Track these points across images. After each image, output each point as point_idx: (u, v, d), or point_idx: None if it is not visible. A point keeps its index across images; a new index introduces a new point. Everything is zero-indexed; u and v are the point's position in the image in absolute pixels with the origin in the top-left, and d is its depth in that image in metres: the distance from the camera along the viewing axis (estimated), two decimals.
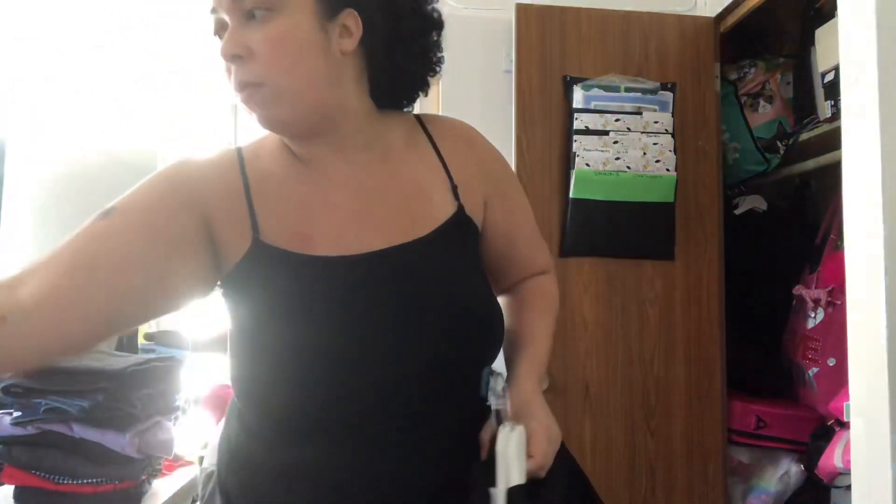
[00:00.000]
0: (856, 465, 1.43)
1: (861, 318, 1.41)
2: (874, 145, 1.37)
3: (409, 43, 0.96)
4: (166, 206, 0.83)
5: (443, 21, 1.00)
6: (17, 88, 2.25)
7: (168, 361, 1.80)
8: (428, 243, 0.89)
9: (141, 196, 0.85)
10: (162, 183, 0.86)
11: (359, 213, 0.88)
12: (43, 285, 0.74)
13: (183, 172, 0.86)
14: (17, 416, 1.55)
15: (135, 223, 0.82)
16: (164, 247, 0.81)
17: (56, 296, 0.75)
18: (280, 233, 0.85)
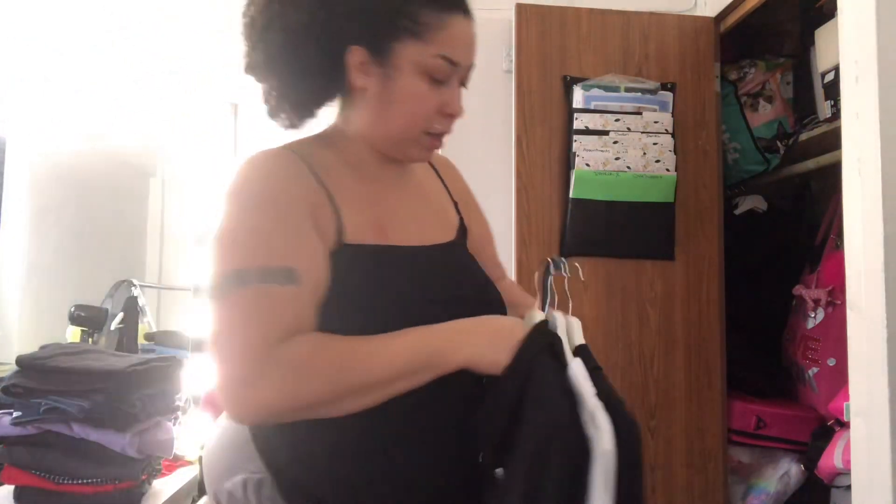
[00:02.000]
0: (856, 465, 1.43)
1: (861, 318, 1.41)
2: (874, 145, 1.37)
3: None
4: (306, 221, 0.87)
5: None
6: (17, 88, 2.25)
7: (168, 361, 1.79)
8: (456, 245, 1.05)
9: (292, 234, 0.86)
10: (290, 207, 0.87)
11: (412, 211, 1.00)
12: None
13: (291, 188, 0.88)
14: (17, 416, 1.54)
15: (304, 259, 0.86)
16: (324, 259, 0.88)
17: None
18: (360, 225, 0.91)
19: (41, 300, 2.26)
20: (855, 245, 1.43)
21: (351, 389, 0.82)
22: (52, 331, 2.15)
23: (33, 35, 2.29)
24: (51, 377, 1.57)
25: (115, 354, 1.77)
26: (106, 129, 2.26)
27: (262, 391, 0.78)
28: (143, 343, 2.26)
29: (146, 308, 2.30)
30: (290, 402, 0.80)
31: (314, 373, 0.80)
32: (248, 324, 0.80)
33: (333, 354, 0.82)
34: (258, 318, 0.80)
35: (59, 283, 2.27)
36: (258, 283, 0.80)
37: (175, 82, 2.29)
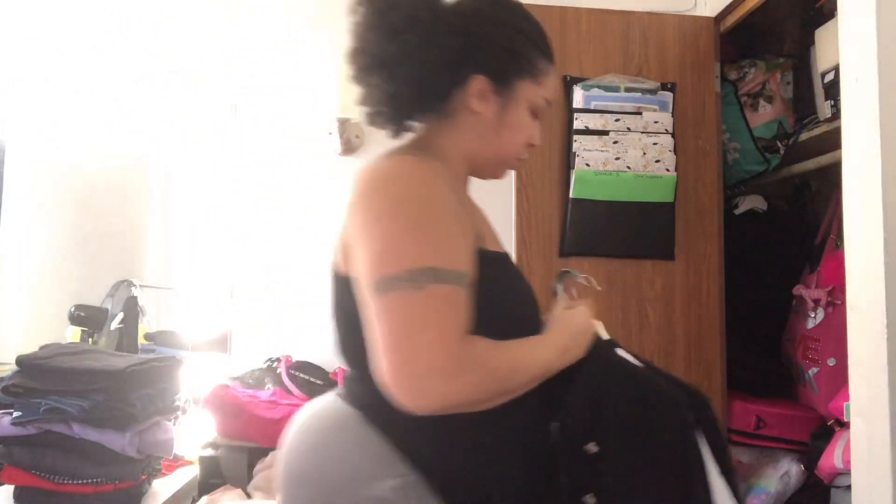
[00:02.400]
0: (856, 465, 1.43)
1: (861, 318, 1.41)
2: (874, 145, 1.37)
3: None
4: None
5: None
6: (17, 89, 2.25)
7: (168, 361, 1.80)
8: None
9: (462, 243, 0.92)
10: (455, 211, 0.93)
11: (487, 222, 1.11)
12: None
13: (449, 195, 0.94)
14: (17, 416, 1.55)
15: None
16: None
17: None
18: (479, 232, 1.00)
19: (41, 300, 2.26)
20: (855, 245, 1.43)
21: (513, 389, 0.90)
22: (52, 331, 2.15)
23: (33, 35, 2.29)
24: (51, 377, 1.57)
25: (115, 354, 1.78)
26: (106, 129, 2.26)
27: (456, 385, 0.83)
28: (143, 343, 2.26)
29: (146, 308, 2.31)
30: (473, 396, 0.86)
31: (494, 372, 0.87)
32: (444, 319, 0.84)
33: (508, 356, 0.89)
34: (452, 314, 0.85)
35: (59, 283, 2.27)
36: (453, 282, 0.86)
37: (175, 82, 2.29)
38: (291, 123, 2.31)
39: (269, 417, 1.85)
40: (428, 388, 0.82)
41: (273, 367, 2.10)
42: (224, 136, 2.30)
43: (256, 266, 2.27)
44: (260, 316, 2.26)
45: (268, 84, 2.31)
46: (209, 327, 2.23)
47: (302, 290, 2.27)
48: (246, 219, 2.29)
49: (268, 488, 1.76)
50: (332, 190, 2.30)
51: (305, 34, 2.32)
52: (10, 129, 2.25)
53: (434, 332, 0.82)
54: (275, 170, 2.30)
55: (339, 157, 2.30)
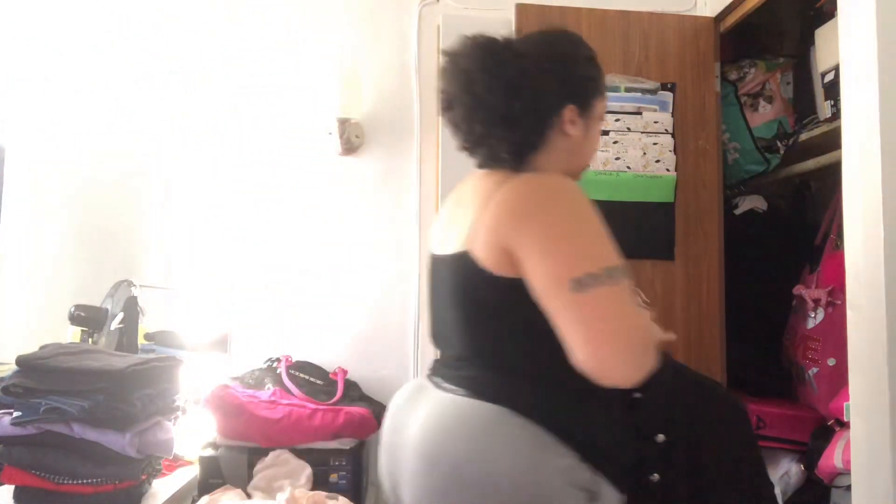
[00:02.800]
0: (856, 465, 1.43)
1: (861, 318, 1.41)
2: (874, 145, 1.37)
3: None
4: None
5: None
6: (17, 89, 2.25)
7: (168, 361, 1.79)
8: None
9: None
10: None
11: None
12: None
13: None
14: (17, 416, 1.54)
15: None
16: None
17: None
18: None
19: (41, 300, 2.25)
20: (855, 245, 1.43)
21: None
22: (52, 331, 2.14)
23: (33, 35, 2.29)
24: (51, 377, 1.57)
25: (115, 354, 1.77)
26: (106, 129, 2.26)
27: (653, 357, 1.01)
28: (143, 343, 2.26)
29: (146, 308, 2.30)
30: (654, 367, 1.02)
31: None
32: (631, 309, 1.03)
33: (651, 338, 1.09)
34: (632, 305, 1.03)
35: (59, 283, 2.27)
36: (626, 276, 1.03)
37: (175, 82, 2.29)
38: (291, 123, 2.31)
39: (269, 417, 1.85)
40: (643, 363, 0.99)
41: (273, 367, 2.10)
42: (224, 136, 2.30)
43: (256, 266, 2.27)
44: (260, 316, 2.26)
45: (268, 84, 2.31)
46: (209, 327, 2.23)
47: (302, 290, 2.27)
48: (246, 219, 2.29)
49: (268, 488, 1.76)
50: (332, 190, 2.30)
51: (305, 34, 2.32)
52: (11, 129, 2.25)
53: (635, 317, 1.02)
54: (275, 170, 2.30)
55: (339, 157, 2.30)
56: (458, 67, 1.17)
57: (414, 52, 2.33)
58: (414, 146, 2.31)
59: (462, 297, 1.13)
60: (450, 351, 1.20)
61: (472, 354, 1.13)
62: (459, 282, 1.13)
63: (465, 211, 1.16)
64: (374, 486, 2.16)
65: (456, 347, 1.16)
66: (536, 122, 1.16)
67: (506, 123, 1.14)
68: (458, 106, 1.18)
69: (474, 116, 1.16)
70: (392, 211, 2.30)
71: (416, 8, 2.34)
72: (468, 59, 1.16)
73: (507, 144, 1.16)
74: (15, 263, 2.23)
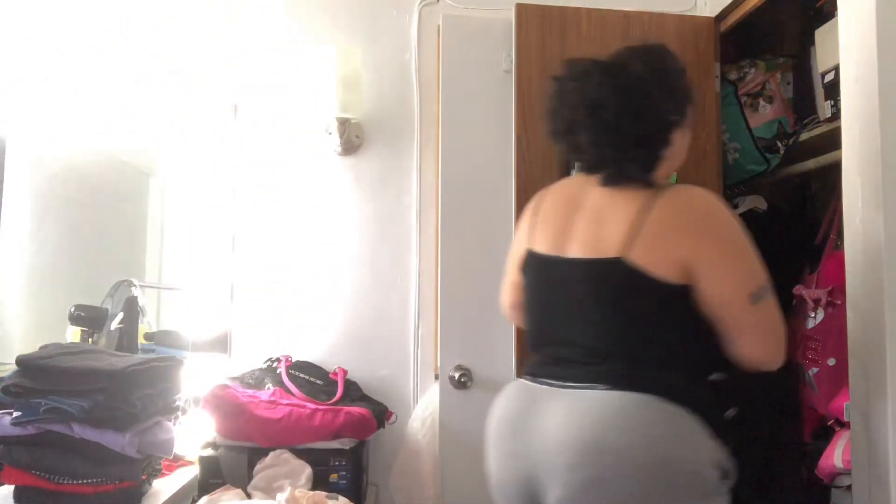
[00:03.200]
0: (856, 465, 1.43)
1: (861, 318, 1.41)
2: (874, 145, 1.37)
3: None
4: None
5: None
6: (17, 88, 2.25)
7: (168, 361, 1.79)
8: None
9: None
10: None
11: None
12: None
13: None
14: (17, 416, 1.54)
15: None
16: None
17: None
18: None
19: (41, 300, 2.26)
20: (855, 245, 1.43)
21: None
22: (52, 331, 2.15)
23: (33, 35, 2.29)
24: (51, 377, 1.57)
25: (115, 354, 1.77)
26: (106, 129, 2.26)
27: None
28: (143, 343, 2.26)
29: (146, 308, 2.30)
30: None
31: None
32: (778, 318, 1.27)
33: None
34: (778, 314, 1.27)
35: (59, 283, 2.27)
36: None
37: (175, 82, 2.29)
38: (291, 123, 2.31)
39: (269, 417, 1.85)
40: (782, 357, 1.29)
41: (273, 367, 2.10)
42: (224, 136, 2.30)
43: (256, 266, 2.27)
44: (260, 316, 2.26)
45: (268, 84, 2.31)
46: (209, 327, 2.23)
47: (302, 290, 2.27)
48: (246, 218, 2.29)
49: (268, 488, 1.76)
50: (332, 190, 2.30)
51: (305, 34, 2.32)
52: (11, 129, 2.25)
53: (778, 324, 1.27)
54: (275, 170, 2.30)
55: (339, 157, 2.31)
56: (583, 94, 1.27)
57: (414, 52, 2.33)
58: (414, 146, 2.31)
59: (613, 297, 1.25)
60: (571, 348, 1.27)
61: (614, 350, 1.23)
62: (611, 284, 1.24)
63: (596, 220, 1.28)
64: (373, 487, 2.16)
65: (587, 344, 1.26)
66: (663, 139, 1.29)
67: (639, 144, 1.27)
68: (583, 130, 1.28)
69: (604, 140, 1.27)
70: (392, 211, 2.30)
71: (416, 8, 2.34)
72: (592, 85, 1.27)
73: (640, 162, 1.28)
74: (15, 263, 2.23)
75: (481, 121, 2.07)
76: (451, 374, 2.00)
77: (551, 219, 1.37)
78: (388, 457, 2.14)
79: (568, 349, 1.27)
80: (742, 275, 1.23)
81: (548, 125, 1.38)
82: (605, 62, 1.29)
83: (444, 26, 2.10)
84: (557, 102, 1.33)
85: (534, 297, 1.39)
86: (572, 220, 1.32)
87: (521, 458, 1.25)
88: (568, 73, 1.32)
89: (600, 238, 1.25)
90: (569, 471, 1.15)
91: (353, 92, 2.16)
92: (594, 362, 1.23)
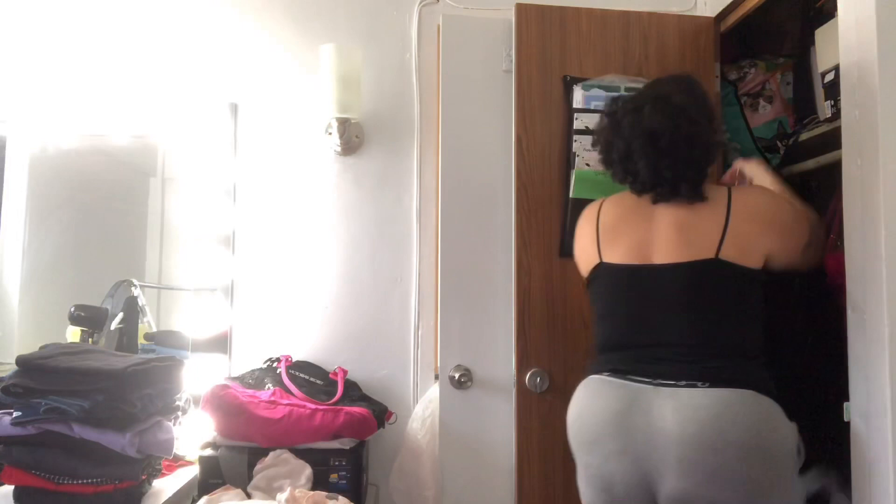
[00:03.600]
0: (856, 465, 1.43)
1: (861, 318, 1.41)
2: (874, 145, 1.37)
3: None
4: None
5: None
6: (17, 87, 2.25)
7: (168, 361, 1.80)
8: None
9: None
10: None
11: None
12: None
13: None
14: (17, 416, 1.55)
15: None
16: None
17: None
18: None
19: (41, 300, 2.26)
20: (855, 245, 1.43)
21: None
22: (52, 331, 2.15)
23: (33, 34, 2.29)
24: (51, 377, 1.57)
25: (115, 354, 1.78)
26: (106, 128, 2.26)
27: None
28: (143, 343, 2.26)
29: (146, 308, 2.30)
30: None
31: None
32: (819, 242, 1.63)
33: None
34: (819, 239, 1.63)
35: (59, 283, 2.27)
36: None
37: (175, 82, 2.29)
38: (291, 123, 2.31)
39: (269, 417, 1.85)
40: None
41: (273, 367, 2.10)
42: (224, 136, 2.30)
43: (256, 266, 2.27)
44: (260, 316, 2.26)
45: (268, 84, 2.31)
46: (209, 327, 2.23)
47: (302, 290, 2.27)
48: (246, 219, 2.29)
49: (268, 488, 1.76)
50: (331, 190, 2.30)
51: (305, 34, 2.32)
52: (11, 128, 2.25)
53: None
54: (275, 169, 2.30)
55: (339, 157, 2.31)
56: (639, 126, 1.46)
57: (414, 52, 2.33)
58: (414, 146, 2.31)
59: (709, 295, 1.43)
60: (666, 348, 1.42)
61: (708, 347, 1.40)
62: (709, 283, 1.42)
63: (679, 228, 1.46)
64: (373, 487, 2.16)
65: (683, 342, 1.42)
66: (710, 159, 1.52)
67: (690, 165, 1.48)
68: (640, 157, 1.47)
69: (661, 164, 1.46)
70: (392, 211, 2.30)
71: (416, 8, 2.34)
72: (646, 118, 1.46)
73: (692, 181, 1.49)
74: (15, 263, 2.23)
75: (481, 121, 2.07)
76: (451, 374, 2.00)
77: (624, 233, 1.54)
78: (388, 457, 2.14)
79: (663, 349, 1.42)
80: (801, 238, 1.53)
81: (602, 155, 1.59)
82: (651, 95, 1.49)
83: (444, 26, 2.10)
84: (612, 134, 1.53)
85: (615, 303, 1.53)
86: (649, 231, 1.50)
87: (632, 454, 1.37)
88: (621, 108, 1.52)
89: (690, 243, 1.44)
90: (691, 464, 1.30)
91: (352, 92, 2.16)
92: (690, 360, 1.39)
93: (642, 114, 1.47)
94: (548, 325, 1.96)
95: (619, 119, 1.51)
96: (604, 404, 1.43)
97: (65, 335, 2.15)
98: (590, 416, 1.45)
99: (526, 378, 1.93)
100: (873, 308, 1.37)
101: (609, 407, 1.42)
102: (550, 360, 1.95)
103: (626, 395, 1.40)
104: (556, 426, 1.95)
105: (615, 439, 1.39)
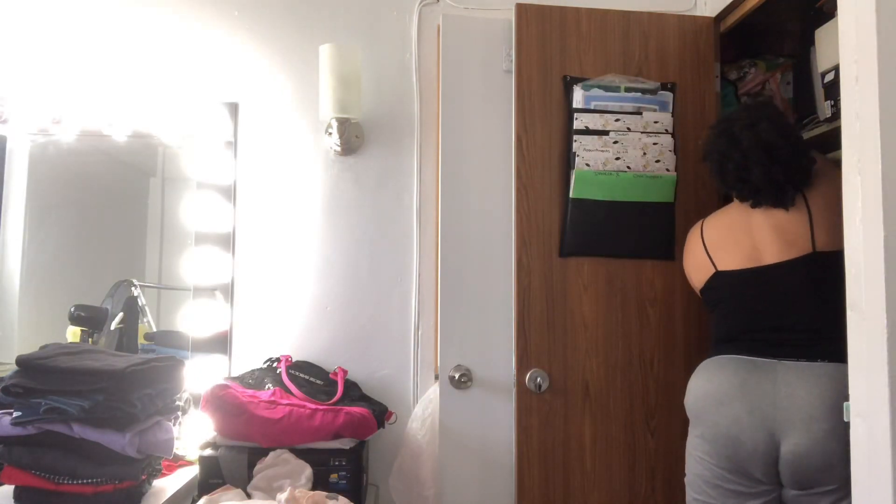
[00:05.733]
0: (856, 465, 1.43)
1: (861, 318, 1.41)
2: (874, 145, 1.37)
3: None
4: None
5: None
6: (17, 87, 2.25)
7: (168, 361, 1.80)
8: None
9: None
10: None
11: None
12: None
13: None
14: (17, 416, 1.55)
15: None
16: None
17: None
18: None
19: (41, 300, 2.26)
20: (855, 245, 1.43)
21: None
22: (52, 331, 2.15)
23: (34, 34, 2.29)
24: (51, 377, 1.57)
25: (115, 354, 1.77)
26: (106, 128, 2.26)
27: None
28: (143, 343, 2.26)
29: (146, 308, 2.30)
30: None
31: None
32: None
33: None
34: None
35: (59, 283, 2.27)
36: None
37: (175, 82, 2.29)
38: (291, 123, 2.31)
39: (269, 417, 1.85)
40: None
41: (273, 367, 2.11)
42: (224, 136, 2.30)
43: (256, 266, 2.28)
44: (260, 316, 2.26)
45: (268, 84, 2.31)
46: (209, 327, 2.23)
47: (302, 290, 2.27)
48: (245, 218, 2.29)
49: (268, 488, 1.76)
50: (331, 190, 2.30)
51: (305, 33, 2.32)
52: (10, 128, 2.25)
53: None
54: (275, 169, 2.30)
55: (339, 157, 2.31)
56: (756, 140, 1.66)
57: (414, 52, 2.33)
58: (414, 146, 2.31)
59: (818, 283, 1.61)
60: (789, 332, 1.62)
61: (822, 329, 1.58)
62: (814, 273, 1.61)
63: (777, 231, 1.67)
64: (373, 487, 2.16)
65: (804, 327, 1.61)
66: (811, 167, 1.71)
67: (798, 171, 1.69)
68: (756, 167, 1.66)
69: (776, 172, 1.65)
70: (392, 211, 2.30)
71: (416, 8, 2.34)
72: (762, 133, 1.66)
73: (796, 186, 1.68)
74: (15, 263, 2.23)
75: (481, 121, 2.07)
76: (451, 374, 2.00)
77: (732, 244, 1.74)
78: (388, 457, 2.14)
79: (782, 334, 1.63)
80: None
81: (714, 166, 1.76)
82: (764, 115, 1.70)
83: (444, 26, 2.10)
84: (727, 147, 1.71)
85: (737, 302, 1.73)
86: (752, 238, 1.71)
87: (759, 414, 1.56)
88: (734, 124, 1.71)
89: (791, 243, 1.65)
90: (815, 422, 1.50)
91: (352, 92, 2.16)
92: (806, 343, 1.59)
93: (758, 129, 1.68)
94: (548, 325, 1.97)
95: (735, 134, 1.71)
96: (732, 373, 1.63)
97: (65, 335, 2.15)
98: (718, 382, 1.65)
99: (526, 378, 1.93)
100: (873, 308, 1.37)
101: (738, 374, 1.62)
102: (550, 360, 1.95)
103: (753, 367, 1.61)
104: (556, 426, 1.95)
105: (743, 401, 1.58)
